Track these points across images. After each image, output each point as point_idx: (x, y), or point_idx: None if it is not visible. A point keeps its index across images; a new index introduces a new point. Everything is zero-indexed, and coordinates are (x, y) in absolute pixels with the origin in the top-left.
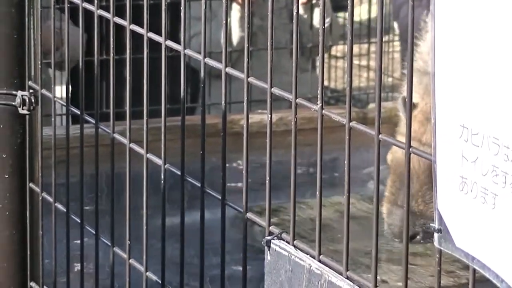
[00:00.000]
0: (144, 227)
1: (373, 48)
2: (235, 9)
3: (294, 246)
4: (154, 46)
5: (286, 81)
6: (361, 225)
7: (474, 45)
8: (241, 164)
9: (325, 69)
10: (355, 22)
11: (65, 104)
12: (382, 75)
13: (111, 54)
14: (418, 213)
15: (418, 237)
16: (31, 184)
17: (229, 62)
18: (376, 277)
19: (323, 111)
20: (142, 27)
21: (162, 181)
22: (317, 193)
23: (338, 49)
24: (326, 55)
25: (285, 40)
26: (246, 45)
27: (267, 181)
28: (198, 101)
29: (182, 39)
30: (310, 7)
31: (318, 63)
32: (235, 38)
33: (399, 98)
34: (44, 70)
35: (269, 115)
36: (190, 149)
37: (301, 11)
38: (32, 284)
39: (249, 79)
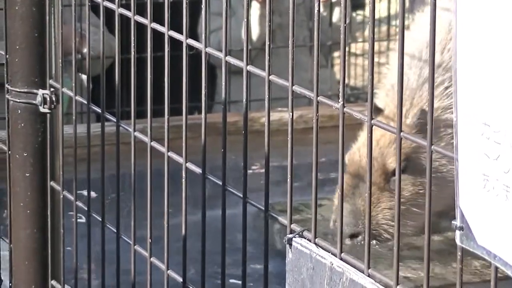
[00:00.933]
0: (165, 225)
1: (392, 45)
2: (255, 7)
3: (316, 244)
4: (172, 44)
5: (304, 78)
6: None
7: (496, 43)
8: (259, 166)
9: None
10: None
11: (86, 102)
12: None
13: (132, 53)
14: (363, 212)
15: (359, 237)
16: (52, 183)
17: (249, 59)
18: (398, 275)
19: (345, 109)
20: (162, 25)
21: (183, 179)
22: (338, 191)
23: (358, 46)
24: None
25: (303, 37)
26: (267, 43)
27: (288, 179)
28: (214, 98)
29: (203, 37)
30: (330, 4)
31: (336, 61)
32: (254, 36)
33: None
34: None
35: (291, 113)
36: (210, 147)
37: (321, 8)
38: (53, 282)
39: (270, 77)
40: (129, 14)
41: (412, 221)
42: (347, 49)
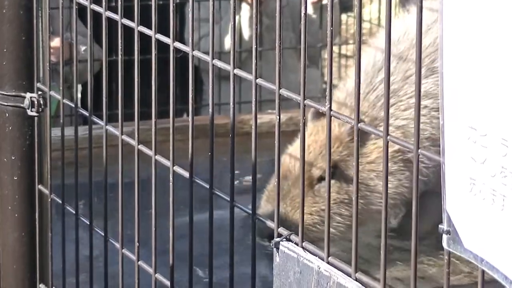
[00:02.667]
0: (153, 229)
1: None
2: (245, 9)
3: (303, 247)
4: (159, 47)
5: (292, 79)
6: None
7: (483, 47)
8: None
9: (335, 68)
10: (365, 21)
11: (73, 105)
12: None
13: (120, 56)
14: (283, 215)
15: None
16: (40, 186)
17: (239, 61)
18: (385, 278)
19: (332, 112)
20: (150, 28)
21: (171, 183)
22: (326, 194)
23: (349, 48)
24: (335, 55)
25: (289, 39)
26: (254, 47)
27: (275, 182)
28: (200, 101)
29: (190, 41)
30: (320, 6)
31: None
32: (245, 38)
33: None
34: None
35: (278, 116)
36: (200, 148)
37: (310, 10)
38: (41, 286)
39: (257, 80)
40: (116, 17)
41: (335, 229)
42: (337, 50)
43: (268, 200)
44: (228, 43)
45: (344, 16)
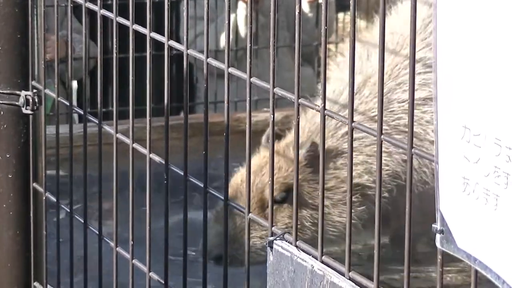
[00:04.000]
0: (147, 227)
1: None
2: (241, 7)
3: (297, 246)
4: (154, 45)
5: (287, 77)
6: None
7: (476, 47)
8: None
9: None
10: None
11: (68, 103)
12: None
13: (114, 54)
14: (232, 236)
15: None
16: (34, 184)
17: (235, 59)
18: (378, 278)
19: (325, 111)
20: (144, 26)
21: (165, 181)
22: (320, 193)
23: (346, 47)
24: (331, 53)
25: (284, 38)
26: (248, 46)
27: (269, 181)
28: (195, 99)
29: (185, 39)
30: (316, 5)
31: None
32: (241, 36)
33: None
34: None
35: (272, 115)
36: (197, 146)
37: (306, 9)
38: (36, 284)
39: (251, 79)
40: (111, 15)
41: None
42: (333, 49)
43: (217, 220)
44: (224, 41)
45: (341, 15)
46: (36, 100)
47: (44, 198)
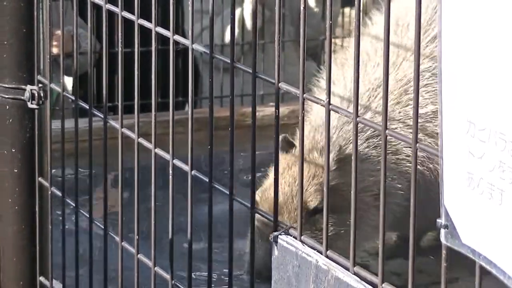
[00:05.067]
0: (152, 222)
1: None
2: (247, 1)
3: (301, 241)
4: (160, 39)
5: (292, 72)
6: None
7: (481, 41)
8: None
9: None
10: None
11: (73, 98)
12: None
13: (119, 48)
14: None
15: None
16: (40, 179)
17: (241, 54)
18: (383, 273)
19: (330, 106)
20: (149, 21)
21: (171, 176)
22: (325, 188)
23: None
24: (337, 47)
25: (288, 32)
26: (253, 41)
27: (273, 175)
28: (200, 93)
29: (190, 34)
30: (322, 0)
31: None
32: (247, 30)
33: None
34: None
35: (277, 110)
36: (203, 141)
37: (312, 3)
38: (41, 278)
39: (256, 74)
40: (116, 10)
41: None
42: (339, 43)
43: (263, 238)
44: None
45: (347, 9)
46: (42, 94)
47: (49, 192)
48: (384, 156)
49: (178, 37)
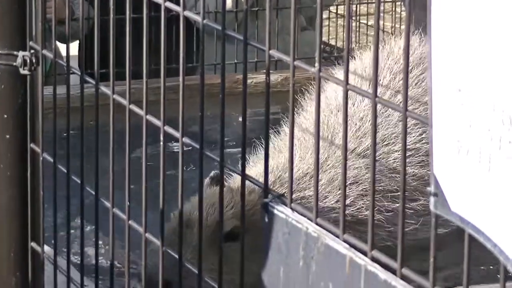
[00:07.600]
0: (143, 188)
1: (382, 7)
2: None
3: (292, 208)
4: (152, 6)
5: (288, 41)
6: None
7: (471, 9)
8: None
9: (332, 28)
10: None
11: (65, 64)
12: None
13: (111, 15)
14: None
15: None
16: (32, 145)
17: (235, 21)
18: (373, 239)
19: (320, 74)
20: None
21: (161, 143)
22: (315, 154)
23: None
24: (333, 15)
25: (290, 1)
26: (245, 7)
27: (264, 144)
28: (194, 61)
29: (181, 0)
30: None
31: (324, 23)
32: None
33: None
34: None
35: (267, 76)
36: (195, 108)
37: None
38: (33, 244)
39: (247, 41)
40: None
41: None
42: (335, 10)
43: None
44: (227, 2)
45: None
46: (34, 60)
47: (41, 158)
48: (374, 127)
49: (169, 4)
